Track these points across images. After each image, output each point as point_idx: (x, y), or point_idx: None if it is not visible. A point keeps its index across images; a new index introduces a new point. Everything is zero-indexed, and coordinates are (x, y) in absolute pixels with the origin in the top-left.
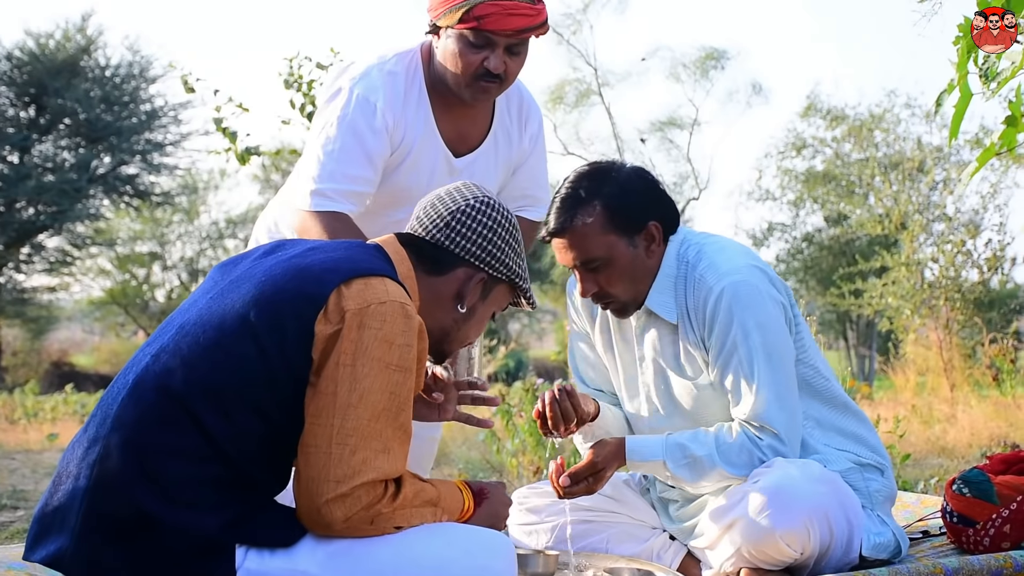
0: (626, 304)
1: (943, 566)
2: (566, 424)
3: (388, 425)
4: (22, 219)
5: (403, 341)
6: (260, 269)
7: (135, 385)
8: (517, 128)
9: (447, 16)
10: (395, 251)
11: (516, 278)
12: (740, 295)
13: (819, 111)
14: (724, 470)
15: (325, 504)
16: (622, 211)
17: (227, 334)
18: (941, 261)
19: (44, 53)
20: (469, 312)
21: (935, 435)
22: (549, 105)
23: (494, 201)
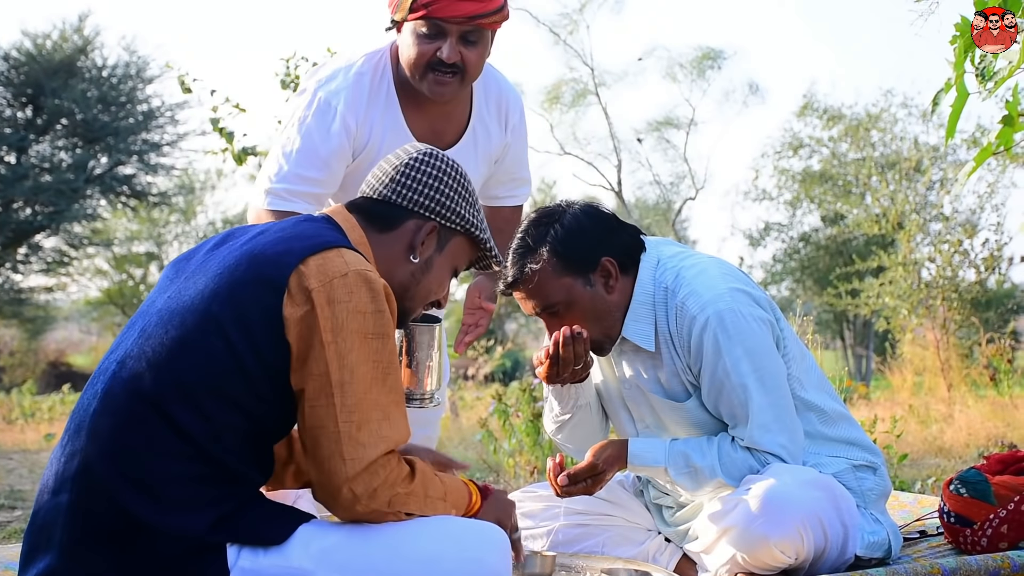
0: (600, 342)
1: (941, 566)
2: (576, 364)
3: (381, 393)
4: (19, 219)
5: (374, 308)
6: (214, 261)
7: (105, 395)
8: (497, 122)
9: (400, 10)
10: (344, 219)
11: (471, 227)
12: (725, 323)
13: (815, 110)
14: (725, 481)
15: (346, 483)
16: (570, 253)
17: (191, 331)
18: (938, 261)
19: (41, 53)
20: (426, 264)
21: (932, 435)
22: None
23: (439, 153)
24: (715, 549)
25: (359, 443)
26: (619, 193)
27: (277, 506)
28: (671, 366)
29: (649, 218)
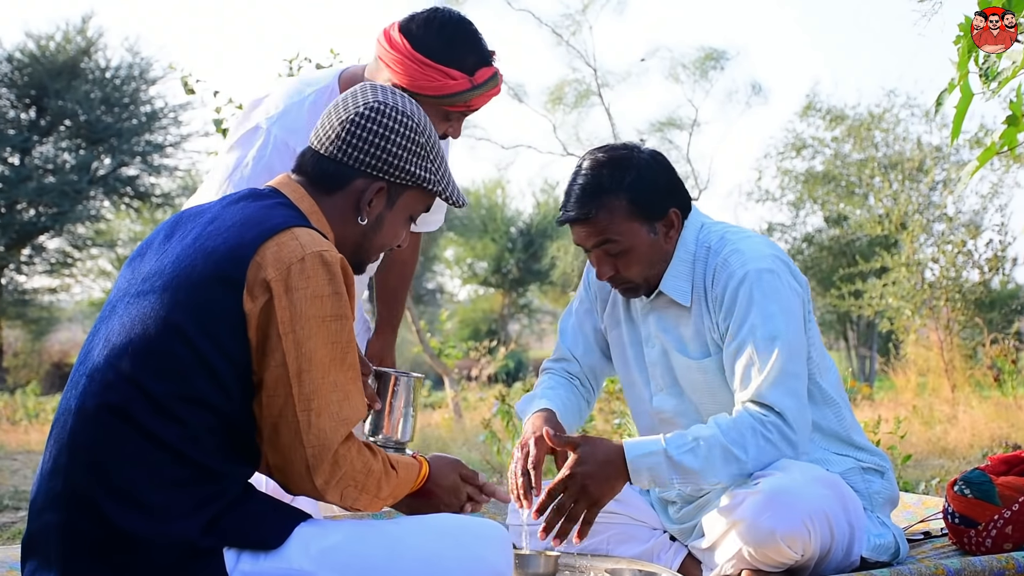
0: (639, 287)
1: (945, 567)
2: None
3: (339, 373)
4: (23, 220)
5: (331, 291)
6: (168, 260)
7: (79, 411)
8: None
9: (443, 99)
10: (292, 190)
11: (423, 183)
12: (763, 282)
13: (818, 111)
14: (732, 449)
15: (307, 471)
16: (645, 200)
17: (154, 340)
18: (942, 261)
19: (44, 55)
20: (377, 222)
21: (936, 436)
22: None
23: (388, 106)
24: (721, 544)
25: (320, 430)
26: None
27: (271, 506)
28: (698, 323)
29: None
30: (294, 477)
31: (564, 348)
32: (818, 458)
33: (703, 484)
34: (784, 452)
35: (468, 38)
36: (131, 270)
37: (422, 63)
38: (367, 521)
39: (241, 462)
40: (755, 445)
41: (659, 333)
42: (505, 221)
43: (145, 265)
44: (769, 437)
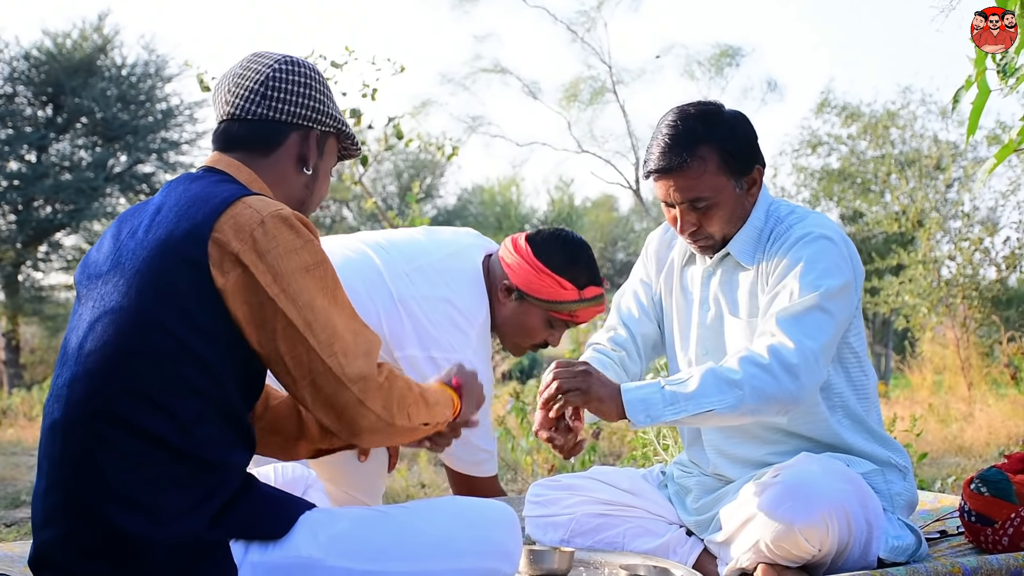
0: (716, 243)
1: (961, 566)
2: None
3: (341, 314)
4: (40, 218)
5: (302, 241)
6: (126, 258)
7: (64, 423)
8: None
9: (554, 306)
10: (226, 164)
11: (342, 126)
12: (819, 244)
13: (833, 108)
14: (723, 373)
15: (363, 407)
16: (735, 154)
17: (129, 336)
18: (958, 259)
19: (61, 52)
20: (315, 172)
21: (952, 434)
22: (563, 103)
23: (293, 60)
24: (738, 536)
25: (354, 366)
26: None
27: (274, 496)
28: (754, 286)
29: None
30: (358, 421)
31: (617, 318)
32: (845, 443)
33: (699, 412)
34: (782, 381)
35: (585, 259)
36: (87, 276)
37: (540, 270)
38: (374, 507)
39: (237, 449)
40: (748, 368)
41: (718, 296)
42: (519, 218)
43: (102, 268)
44: (762, 362)
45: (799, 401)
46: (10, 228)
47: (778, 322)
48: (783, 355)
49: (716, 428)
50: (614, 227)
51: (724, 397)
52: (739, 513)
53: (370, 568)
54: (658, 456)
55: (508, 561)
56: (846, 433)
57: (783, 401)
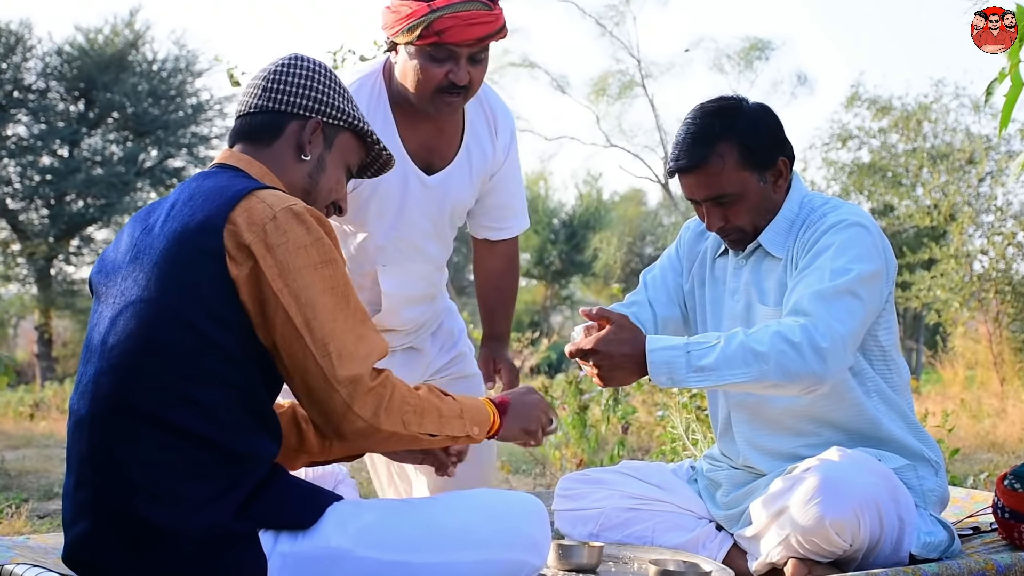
0: (747, 236)
1: (995, 562)
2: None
3: (347, 316)
4: (71, 212)
5: (311, 239)
6: (145, 252)
7: (91, 419)
8: (489, 139)
9: (405, 34)
10: (237, 159)
11: (353, 120)
12: (851, 231)
13: (864, 101)
14: (751, 345)
15: (349, 411)
16: (755, 148)
17: (150, 328)
18: (991, 253)
19: (93, 48)
20: (318, 163)
21: (985, 429)
22: (592, 97)
23: (304, 57)
24: (769, 530)
25: (345, 368)
26: (665, 185)
27: (303, 487)
28: (783, 274)
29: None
30: (344, 424)
31: (642, 293)
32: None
33: (721, 382)
34: (809, 361)
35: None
36: (104, 275)
37: (388, 9)
38: (403, 499)
39: (262, 438)
40: (777, 344)
41: (748, 286)
42: (548, 213)
43: (119, 267)
44: (793, 340)
45: (822, 383)
46: (42, 222)
47: (810, 302)
48: (814, 336)
49: (746, 421)
50: (642, 221)
51: (749, 369)
52: (769, 507)
53: (398, 559)
54: (687, 451)
55: (536, 553)
56: (883, 419)
57: (807, 381)
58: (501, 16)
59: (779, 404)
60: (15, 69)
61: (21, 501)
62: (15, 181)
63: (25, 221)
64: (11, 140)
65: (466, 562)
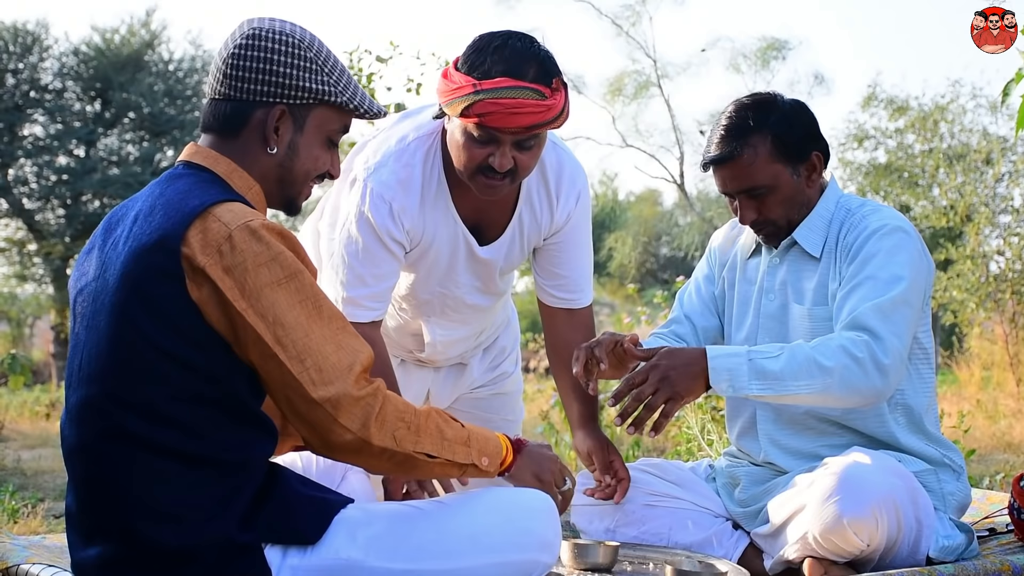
0: (780, 229)
1: (1011, 563)
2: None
3: (322, 327)
4: (88, 212)
5: (270, 255)
6: (110, 272)
7: (81, 448)
8: (548, 208)
9: (451, 106)
10: (204, 156)
11: (325, 96)
12: (895, 237)
13: (880, 101)
14: (816, 358)
15: (336, 425)
16: (788, 141)
17: (122, 353)
18: (1007, 254)
19: (109, 48)
20: (290, 149)
21: (1001, 430)
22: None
23: (263, 30)
24: (787, 528)
25: (327, 381)
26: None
27: (307, 497)
28: (824, 275)
29: (712, 211)
30: (331, 439)
31: (679, 310)
32: (891, 446)
33: (784, 393)
34: (872, 377)
35: (501, 47)
36: (77, 291)
37: (444, 74)
38: (412, 503)
39: (255, 442)
40: (842, 359)
41: (783, 285)
42: None
43: (90, 283)
44: (858, 356)
45: (882, 398)
46: (59, 222)
47: (870, 317)
48: (876, 353)
49: (771, 420)
50: (658, 222)
51: (812, 382)
52: (788, 505)
53: (410, 567)
54: (702, 451)
55: (548, 552)
56: (900, 433)
57: (868, 397)
58: (558, 104)
59: (803, 406)
60: (32, 69)
61: (37, 501)
62: (32, 181)
63: (41, 221)
64: (28, 140)
65: (478, 566)
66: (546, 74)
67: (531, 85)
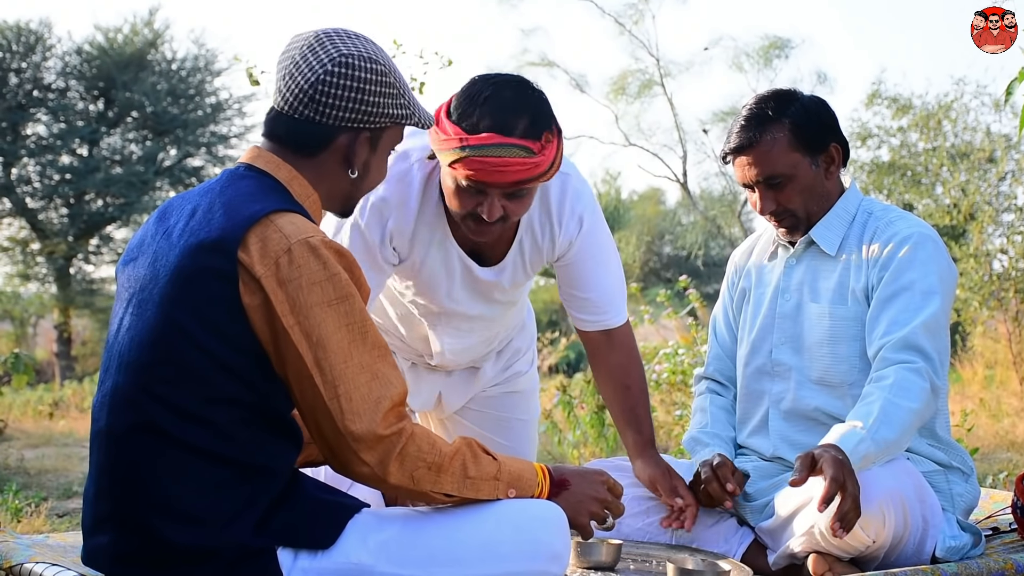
0: (799, 220)
1: (1015, 562)
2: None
3: (363, 353)
4: (91, 211)
5: (326, 274)
6: (160, 263)
7: (108, 434)
8: (548, 235)
9: (441, 156)
10: (266, 161)
11: (400, 119)
12: (928, 246)
13: (884, 99)
14: (904, 406)
15: (356, 457)
16: (808, 130)
17: (163, 348)
18: (1011, 252)
19: (112, 47)
20: (365, 168)
21: (1004, 429)
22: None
23: (353, 56)
24: (793, 522)
25: (355, 413)
26: (684, 184)
27: (322, 501)
28: (843, 276)
29: (715, 209)
30: (350, 468)
31: (715, 347)
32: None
33: (901, 449)
34: (931, 401)
35: (490, 98)
36: (126, 276)
37: (436, 116)
38: (423, 510)
39: (281, 449)
40: (922, 396)
41: (800, 285)
42: None
43: (139, 270)
44: (925, 386)
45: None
46: (62, 221)
47: (923, 338)
48: (934, 379)
49: (783, 417)
50: (661, 220)
51: (912, 428)
52: (795, 497)
53: (419, 574)
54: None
55: (557, 563)
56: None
57: (927, 417)
58: (547, 158)
59: (814, 403)
60: (35, 68)
61: (40, 500)
62: (35, 180)
63: (44, 220)
64: (31, 139)
65: (487, 575)
66: (535, 128)
67: (519, 142)
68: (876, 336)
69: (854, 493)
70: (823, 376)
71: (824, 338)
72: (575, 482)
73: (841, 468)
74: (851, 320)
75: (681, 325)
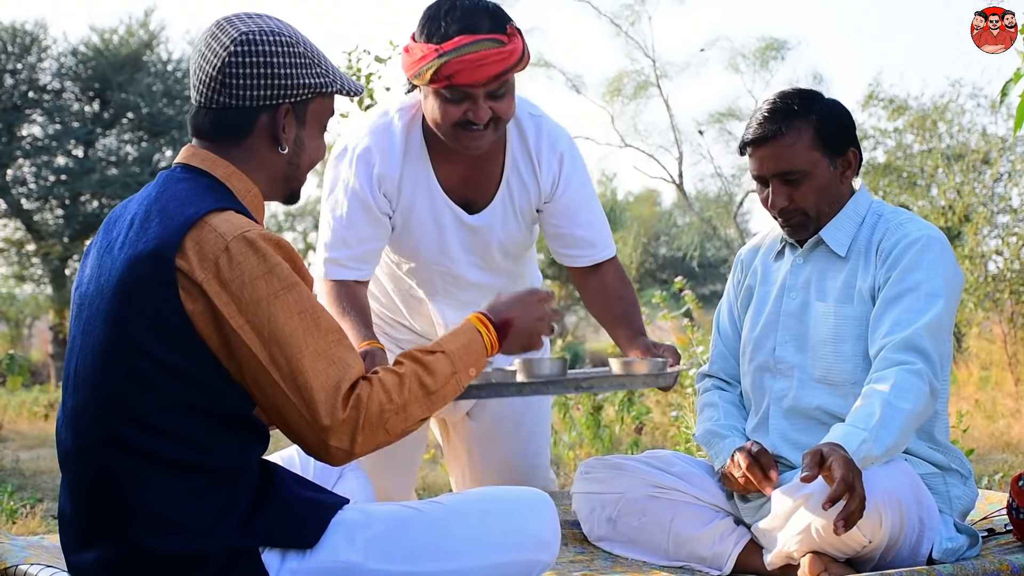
0: (809, 220)
1: (1010, 563)
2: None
3: (317, 340)
4: (86, 212)
5: (267, 267)
6: (105, 278)
7: (75, 453)
8: (532, 173)
9: (418, 77)
10: (201, 159)
11: (321, 88)
12: (936, 249)
13: (880, 101)
14: (900, 407)
15: (326, 443)
16: (831, 131)
17: (116, 363)
18: (1006, 254)
19: (108, 48)
20: (297, 144)
21: (999, 430)
22: (607, 97)
23: (253, 32)
24: (789, 521)
25: (317, 402)
26: (680, 185)
27: (304, 500)
28: (851, 276)
29: (711, 210)
30: (322, 455)
31: (719, 344)
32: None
33: (901, 450)
34: (930, 402)
35: (451, 9)
36: (78, 294)
37: (405, 49)
38: (410, 504)
39: (249, 449)
40: (920, 397)
41: (806, 283)
42: None
43: (88, 286)
44: (924, 388)
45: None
46: (57, 223)
47: (926, 339)
48: (933, 381)
49: (783, 416)
50: (657, 221)
51: (912, 429)
52: (792, 495)
53: (408, 569)
54: (701, 451)
55: (546, 551)
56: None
57: (925, 418)
58: (517, 48)
59: (816, 402)
60: (30, 69)
61: (35, 501)
62: (30, 181)
63: (40, 221)
64: (26, 140)
65: (477, 567)
66: (499, 22)
67: (489, 36)
68: (879, 335)
69: (862, 494)
70: (826, 375)
71: (829, 336)
72: (516, 314)
73: (850, 469)
74: (856, 319)
75: (677, 326)
